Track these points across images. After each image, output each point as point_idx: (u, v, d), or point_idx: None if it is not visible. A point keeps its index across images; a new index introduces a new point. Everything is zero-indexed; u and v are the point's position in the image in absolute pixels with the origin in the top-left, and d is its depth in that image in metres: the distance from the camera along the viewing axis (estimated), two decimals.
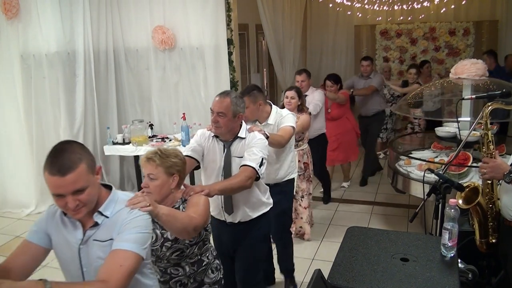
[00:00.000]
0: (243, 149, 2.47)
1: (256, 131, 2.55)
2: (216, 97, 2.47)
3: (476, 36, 7.08)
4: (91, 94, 5.12)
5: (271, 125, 3.11)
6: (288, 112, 3.17)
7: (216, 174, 2.54)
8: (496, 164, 2.11)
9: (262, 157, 2.41)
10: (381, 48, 7.57)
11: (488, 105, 2.23)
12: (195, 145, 2.55)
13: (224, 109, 2.40)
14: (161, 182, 2.00)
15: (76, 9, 4.92)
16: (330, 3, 7.04)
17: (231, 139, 2.50)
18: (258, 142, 2.47)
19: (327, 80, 4.96)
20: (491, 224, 2.31)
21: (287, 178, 3.28)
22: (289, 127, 3.06)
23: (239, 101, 2.47)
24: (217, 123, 2.43)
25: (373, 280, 1.69)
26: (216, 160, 2.53)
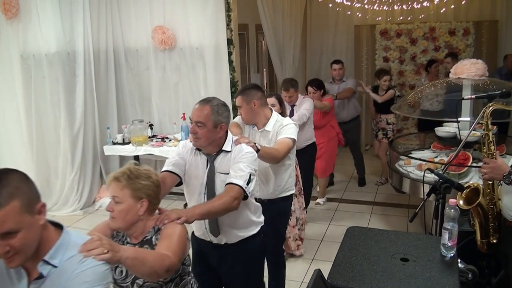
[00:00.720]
0: (229, 164, 2.18)
1: (244, 143, 2.25)
2: (196, 104, 2.21)
3: (476, 36, 7.07)
4: (91, 94, 5.12)
5: (269, 132, 2.82)
6: (290, 121, 2.86)
7: (199, 191, 2.25)
8: (496, 165, 2.11)
9: (250, 173, 2.13)
10: (381, 48, 7.56)
11: (489, 106, 2.23)
12: (177, 158, 2.27)
13: (203, 119, 2.13)
14: (126, 207, 1.75)
15: (76, 9, 4.92)
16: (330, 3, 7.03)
17: (214, 153, 2.22)
18: (246, 156, 2.18)
19: (309, 86, 4.70)
20: (492, 224, 2.31)
21: (283, 194, 2.95)
22: (288, 140, 2.74)
23: (221, 109, 2.18)
24: (195, 134, 2.15)
25: (373, 280, 1.69)
26: (198, 175, 2.24)
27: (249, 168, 2.14)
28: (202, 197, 2.23)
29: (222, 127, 2.18)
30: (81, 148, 5.07)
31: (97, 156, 5.28)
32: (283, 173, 2.89)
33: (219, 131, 2.17)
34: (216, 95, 4.98)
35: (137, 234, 1.81)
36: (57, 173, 5.14)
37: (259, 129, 2.86)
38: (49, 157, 5.12)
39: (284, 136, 2.74)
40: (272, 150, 2.65)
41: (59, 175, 5.13)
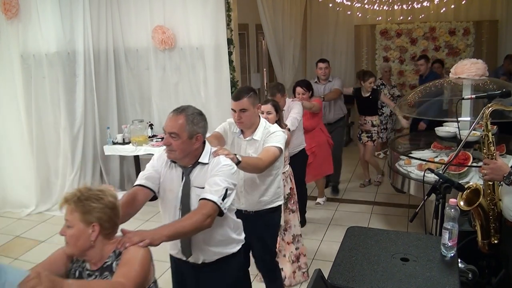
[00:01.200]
0: (205, 177, 2.03)
1: (222, 156, 2.10)
2: (169, 114, 2.05)
3: (476, 36, 7.08)
4: (91, 94, 5.12)
5: (256, 141, 2.64)
6: (277, 129, 2.68)
7: (174, 206, 2.10)
8: (496, 166, 2.11)
9: (227, 187, 1.97)
10: (381, 48, 7.57)
11: (489, 106, 2.23)
12: (151, 171, 2.13)
13: (178, 129, 1.97)
14: (77, 232, 1.60)
15: (76, 9, 4.92)
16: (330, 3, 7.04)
17: (190, 165, 2.07)
18: (223, 169, 2.02)
19: (298, 87, 4.42)
20: (493, 225, 2.31)
21: (271, 206, 2.78)
22: (274, 148, 2.56)
23: (197, 118, 2.03)
24: (169, 146, 2.00)
25: (373, 280, 1.69)
26: (173, 189, 2.10)
27: (225, 183, 1.99)
28: (177, 213, 2.08)
29: (198, 138, 2.03)
30: (81, 148, 5.07)
31: (97, 156, 5.28)
32: (270, 183, 2.73)
33: (194, 142, 2.02)
34: (216, 95, 5.03)
35: (95, 260, 1.67)
36: (57, 173, 5.14)
37: (246, 138, 2.68)
38: (49, 157, 5.12)
39: (271, 144, 2.57)
40: (255, 160, 2.48)
41: (59, 175, 5.13)
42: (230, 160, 2.11)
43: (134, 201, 2.01)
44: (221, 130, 2.76)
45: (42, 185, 5.11)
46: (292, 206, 3.41)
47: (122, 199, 1.95)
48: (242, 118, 2.60)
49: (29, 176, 5.10)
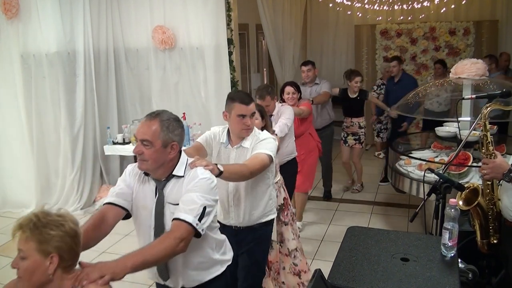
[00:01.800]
0: (181, 192, 1.81)
1: (199, 167, 1.86)
2: (143, 118, 1.87)
3: (476, 36, 7.08)
4: (91, 94, 5.12)
5: (246, 149, 2.44)
6: (268, 135, 2.47)
7: (148, 225, 1.89)
8: (495, 164, 2.11)
9: (205, 205, 1.74)
10: (381, 48, 7.56)
11: (487, 106, 2.23)
12: (122, 186, 1.91)
13: (151, 136, 1.77)
14: (32, 264, 1.40)
15: (76, 9, 4.92)
16: (330, 3, 7.04)
17: (164, 178, 1.86)
18: (200, 184, 1.78)
19: (288, 86, 4.16)
20: (492, 225, 2.31)
21: (263, 220, 2.58)
22: (264, 155, 2.32)
23: (173, 124, 1.82)
24: (141, 155, 1.79)
25: (373, 280, 1.69)
26: (147, 206, 1.88)
27: (203, 199, 1.75)
28: (152, 233, 1.88)
29: (173, 147, 1.82)
30: (81, 148, 5.07)
31: (98, 156, 5.28)
32: (261, 195, 2.53)
33: (169, 151, 1.81)
34: (216, 95, 5.04)
35: None
36: (57, 173, 5.15)
37: (234, 146, 2.48)
38: (49, 157, 5.12)
39: (260, 151, 2.34)
40: (239, 167, 2.23)
41: (59, 175, 5.13)
42: (209, 173, 1.87)
43: (102, 222, 1.80)
44: (202, 141, 2.57)
45: (42, 185, 5.11)
46: (285, 218, 3.12)
47: (89, 221, 1.78)
48: (252, 124, 2.43)
49: (29, 176, 5.10)
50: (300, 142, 4.05)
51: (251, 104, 2.42)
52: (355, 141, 5.27)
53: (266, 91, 3.59)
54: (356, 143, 5.28)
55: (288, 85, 4.20)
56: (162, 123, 1.81)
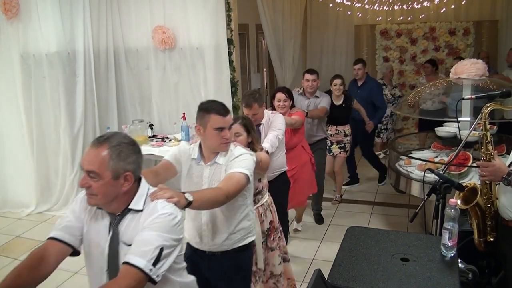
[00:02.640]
0: (138, 230, 1.54)
1: (161, 200, 1.59)
2: (89, 144, 1.58)
3: (476, 36, 7.09)
4: (91, 94, 5.12)
5: (221, 166, 2.18)
6: (243, 151, 2.19)
7: (100, 267, 1.62)
8: (494, 168, 2.11)
9: (162, 246, 1.48)
10: (381, 48, 7.57)
11: (487, 106, 2.23)
12: (70, 218, 1.65)
13: (97, 167, 1.50)
14: None
15: (76, 9, 4.92)
16: (330, 3, 7.04)
17: (119, 213, 1.59)
18: (158, 221, 1.51)
19: (280, 93, 3.72)
20: (490, 223, 2.32)
21: (241, 243, 2.29)
22: (239, 175, 2.05)
23: (125, 150, 1.54)
24: (88, 189, 1.52)
25: (373, 280, 1.69)
26: (100, 244, 1.61)
27: (160, 239, 1.48)
28: (104, 276, 1.61)
29: (127, 178, 1.55)
30: (81, 148, 5.06)
31: None
32: (238, 217, 2.25)
33: (122, 183, 1.54)
34: (216, 95, 5.04)
35: None
36: (57, 173, 5.14)
37: (207, 163, 2.22)
38: (49, 157, 5.12)
39: (235, 170, 2.07)
40: (212, 193, 1.94)
41: (59, 175, 5.13)
42: (172, 206, 1.58)
43: (41, 262, 1.54)
44: (171, 158, 2.27)
45: (42, 185, 5.11)
46: (271, 243, 2.84)
47: (24, 261, 1.54)
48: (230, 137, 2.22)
49: (29, 176, 5.10)
50: (292, 156, 3.68)
51: (228, 115, 2.18)
52: (340, 149, 4.96)
53: (253, 98, 3.16)
54: (341, 151, 4.97)
55: (279, 91, 3.75)
56: (112, 149, 1.52)
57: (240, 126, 2.59)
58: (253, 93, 3.22)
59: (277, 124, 3.21)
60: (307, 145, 4.07)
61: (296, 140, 3.82)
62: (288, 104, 3.71)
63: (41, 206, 5.09)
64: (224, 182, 2.01)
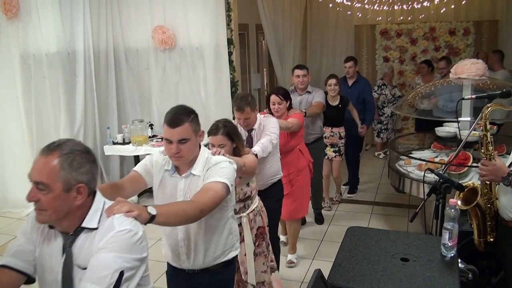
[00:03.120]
0: (92, 251, 1.35)
1: (118, 215, 1.40)
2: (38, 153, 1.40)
3: (476, 36, 7.08)
4: (91, 94, 5.13)
5: (197, 177, 1.95)
6: (221, 159, 2.00)
7: None
8: (495, 167, 2.11)
9: (122, 269, 1.30)
10: (381, 48, 7.57)
11: (488, 106, 2.23)
12: (22, 241, 1.47)
13: (46, 177, 1.32)
14: None
15: (76, 9, 4.92)
16: (330, 3, 7.03)
17: (72, 231, 1.41)
18: (115, 240, 1.33)
19: (274, 95, 3.42)
20: (490, 223, 2.32)
21: (223, 259, 2.10)
22: (217, 185, 1.84)
23: (77, 159, 1.36)
24: (37, 203, 1.34)
25: (373, 280, 1.69)
26: (53, 269, 1.42)
27: (119, 261, 1.30)
28: None
29: (80, 190, 1.37)
30: None
31: (97, 156, 5.25)
32: (218, 230, 2.05)
33: (75, 196, 1.36)
34: (216, 95, 5.03)
35: None
36: None
37: (182, 174, 1.99)
38: None
39: (213, 179, 1.87)
40: (183, 207, 1.73)
41: None
42: (132, 221, 1.39)
43: None
44: (141, 169, 2.04)
45: None
46: (257, 249, 2.71)
47: None
48: (182, 151, 1.90)
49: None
50: (288, 160, 3.46)
51: (178, 127, 1.88)
52: (335, 153, 4.76)
53: (245, 101, 2.91)
54: (336, 155, 4.77)
55: (273, 93, 3.45)
56: (63, 158, 1.33)
57: (223, 137, 2.41)
58: (245, 96, 3.00)
59: (270, 128, 2.96)
60: (306, 149, 3.75)
61: (293, 143, 3.52)
62: (284, 107, 3.42)
63: None
64: (199, 195, 1.80)
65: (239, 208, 2.61)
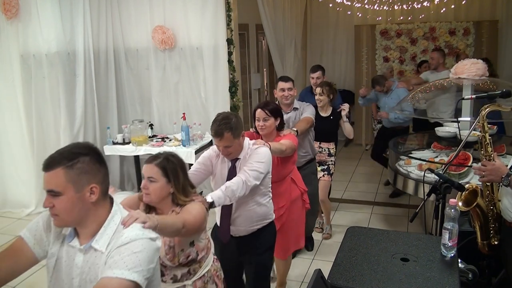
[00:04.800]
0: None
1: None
2: None
3: (476, 36, 7.08)
4: (91, 94, 5.12)
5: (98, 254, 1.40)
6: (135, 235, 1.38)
7: None
8: (494, 167, 2.11)
9: None
10: (381, 48, 7.56)
11: (485, 107, 2.23)
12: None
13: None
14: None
15: (76, 9, 4.92)
16: (330, 3, 7.03)
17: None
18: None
19: (260, 109, 2.80)
20: (493, 226, 2.31)
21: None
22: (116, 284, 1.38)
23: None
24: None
25: (373, 280, 1.69)
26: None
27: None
28: None
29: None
30: None
31: None
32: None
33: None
34: (216, 95, 5.03)
35: None
36: None
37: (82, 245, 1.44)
38: None
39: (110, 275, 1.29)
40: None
41: None
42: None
43: None
44: (28, 235, 1.49)
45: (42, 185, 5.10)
46: None
47: None
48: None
49: (29, 176, 5.10)
50: (281, 191, 2.89)
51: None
52: (323, 171, 4.02)
53: (225, 125, 2.27)
54: (324, 174, 4.02)
55: (259, 107, 2.83)
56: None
57: (158, 169, 1.90)
58: (227, 118, 2.31)
59: (255, 158, 2.35)
60: (299, 175, 3.17)
61: (286, 171, 2.94)
62: (270, 124, 2.78)
63: (41, 206, 5.06)
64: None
65: (181, 274, 1.98)
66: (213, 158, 2.46)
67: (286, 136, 2.87)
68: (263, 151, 2.40)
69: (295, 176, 3.08)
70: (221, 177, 2.42)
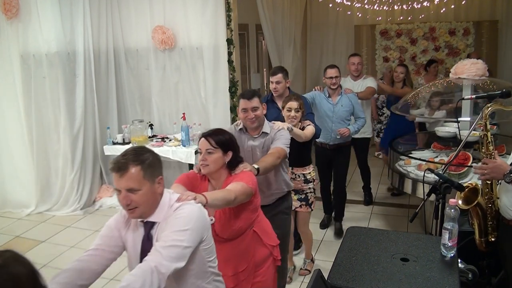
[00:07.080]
0: None
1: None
2: None
3: (476, 36, 7.08)
4: (91, 94, 5.13)
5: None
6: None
7: None
8: (496, 164, 2.12)
9: None
10: (381, 48, 7.57)
11: (488, 106, 2.23)
12: None
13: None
14: None
15: (76, 9, 4.92)
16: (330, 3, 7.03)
17: None
18: None
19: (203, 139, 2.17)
20: (491, 223, 2.32)
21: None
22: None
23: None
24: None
25: (373, 280, 1.69)
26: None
27: None
28: None
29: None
30: (81, 148, 5.07)
31: (97, 156, 5.28)
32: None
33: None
34: (215, 95, 5.03)
35: None
36: (57, 173, 5.14)
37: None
38: (49, 157, 5.12)
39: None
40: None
41: (59, 175, 5.13)
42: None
43: None
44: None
45: (42, 185, 5.11)
46: None
47: None
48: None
49: (29, 176, 5.10)
50: (235, 253, 2.19)
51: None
52: (300, 201, 3.39)
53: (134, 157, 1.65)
54: (301, 204, 3.40)
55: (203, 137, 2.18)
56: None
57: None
58: (141, 150, 1.72)
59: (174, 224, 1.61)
60: (267, 226, 2.39)
61: (241, 224, 2.16)
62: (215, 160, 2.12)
63: (41, 206, 5.08)
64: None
65: None
66: (121, 227, 1.72)
67: (238, 176, 2.11)
68: (187, 209, 1.64)
69: (259, 227, 2.28)
70: (134, 253, 1.69)
